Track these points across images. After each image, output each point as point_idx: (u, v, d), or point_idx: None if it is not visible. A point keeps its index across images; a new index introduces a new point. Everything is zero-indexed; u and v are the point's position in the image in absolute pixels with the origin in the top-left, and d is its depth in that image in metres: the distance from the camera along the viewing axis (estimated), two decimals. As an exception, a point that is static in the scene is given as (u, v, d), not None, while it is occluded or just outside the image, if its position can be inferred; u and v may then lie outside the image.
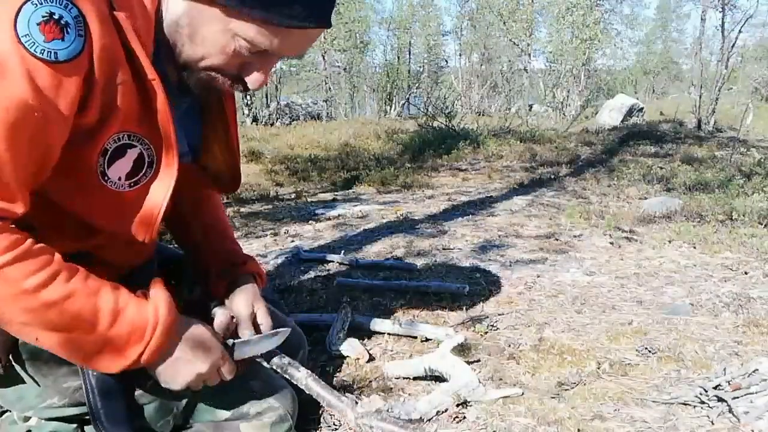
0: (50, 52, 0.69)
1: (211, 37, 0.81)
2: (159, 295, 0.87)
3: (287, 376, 0.99)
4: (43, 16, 0.69)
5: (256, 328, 1.08)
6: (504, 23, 14.86)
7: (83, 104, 0.75)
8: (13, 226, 0.75)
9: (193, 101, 0.99)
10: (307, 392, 0.96)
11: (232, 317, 1.07)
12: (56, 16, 0.69)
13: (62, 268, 0.78)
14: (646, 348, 1.67)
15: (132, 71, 0.78)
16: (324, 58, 17.25)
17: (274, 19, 0.78)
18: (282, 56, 0.87)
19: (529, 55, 14.99)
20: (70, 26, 0.70)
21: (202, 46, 0.82)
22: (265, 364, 1.03)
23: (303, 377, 0.97)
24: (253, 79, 0.87)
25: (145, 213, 0.89)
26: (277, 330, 1.07)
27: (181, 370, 0.89)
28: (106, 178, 0.83)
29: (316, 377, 0.97)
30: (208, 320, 1.02)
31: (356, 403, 1.10)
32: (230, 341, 0.99)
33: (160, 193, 0.88)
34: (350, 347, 1.61)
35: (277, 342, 1.05)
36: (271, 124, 11.49)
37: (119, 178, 0.84)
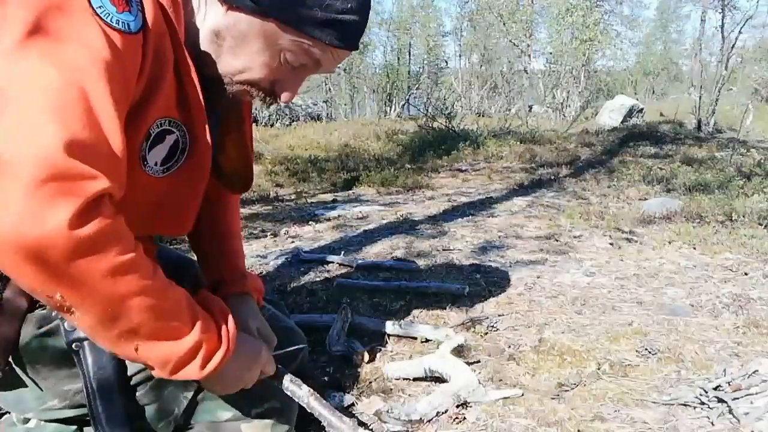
0: (124, 23, 0.71)
1: (257, 51, 0.82)
2: (225, 311, 0.88)
3: (289, 393, 0.99)
4: None
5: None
6: (504, 24, 14.86)
7: (137, 79, 0.75)
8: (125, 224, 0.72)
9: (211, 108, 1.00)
10: (309, 410, 0.97)
11: None
12: None
13: (163, 275, 0.77)
14: (646, 349, 1.67)
15: (174, 54, 0.79)
16: (324, 59, 17.22)
17: (326, 38, 0.81)
18: (317, 72, 0.89)
19: (529, 56, 15.00)
20: (132, 1, 0.72)
21: (244, 59, 0.83)
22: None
23: (305, 395, 0.97)
24: (285, 94, 0.88)
25: (182, 201, 0.89)
26: (297, 347, 1.07)
27: (240, 376, 0.90)
28: (145, 162, 0.83)
29: (318, 396, 0.97)
30: None
31: (358, 424, 1.10)
32: None
33: (194, 182, 0.89)
34: (350, 348, 1.61)
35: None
36: (271, 125, 11.48)
37: (155, 164, 0.84)
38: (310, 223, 3.34)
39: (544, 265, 2.51)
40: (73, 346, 0.88)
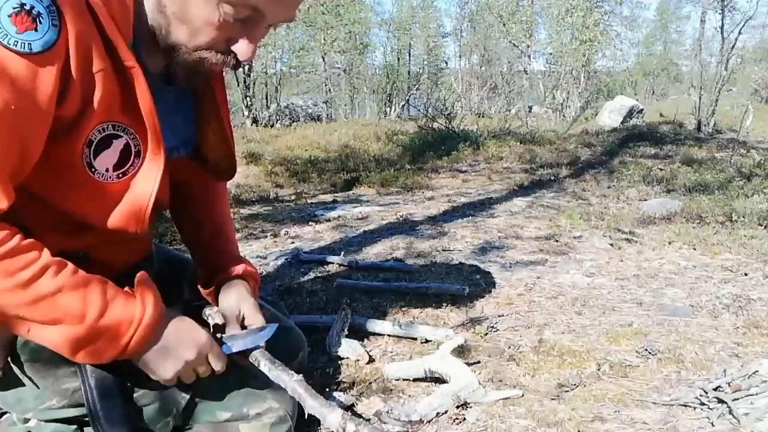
0: (24, 43, 0.69)
1: (197, 10, 0.80)
2: (145, 289, 0.87)
3: (272, 378, 0.97)
4: (14, 8, 0.68)
5: (245, 327, 1.07)
6: (504, 25, 14.88)
7: (62, 95, 0.75)
8: (2, 222, 0.75)
9: (181, 92, 0.99)
10: (291, 394, 0.95)
11: (223, 316, 1.06)
12: (27, 7, 0.69)
13: (51, 263, 0.78)
14: (646, 349, 1.67)
15: (111, 60, 0.78)
16: (324, 60, 17.26)
17: None
18: (269, 22, 0.86)
19: (529, 56, 15.02)
20: (42, 16, 0.70)
21: (190, 24, 0.81)
22: (254, 364, 1.01)
23: (288, 379, 0.95)
24: (241, 50, 0.85)
25: (134, 204, 0.88)
26: (264, 325, 1.05)
27: (169, 358, 0.88)
28: (93, 169, 0.83)
29: (303, 381, 0.95)
30: (204, 323, 1.01)
31: (345, 410, 1.08)
32: (218, 335, 0.99)
33: (148, 183, 0.88)
34: (350, 349, 1.61)
35: (265, 336, 1.03)
36: (271, 126, 11.50)
37: (106, 170, 0.84)
38: (310, 223, 3.34)
39: (544, 265, 2.50)
40: (71, 345, 0.88)
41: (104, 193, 0.85)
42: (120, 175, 0.86)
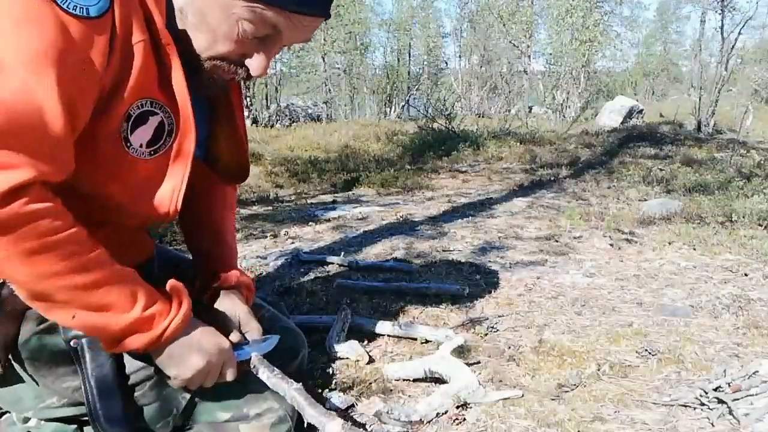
0: (82, 8, 0.71)
1: (216, 24, 0.82)
2: (177, 287, 0.90)
3: (271, 386, 0.98)
4: None
5: (241, 333, 1.07)
6: (504, 25, 14.87)
7: (107, 62, 0.76)
8: (62, 209, 0.76)
9: (198, 95, 0.99)
10: (290, 402, 0.95)
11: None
12: None
13: (105, 252, 0.81)
14: (646, 350, 1.67)
15: (149, 34, 0.79)
16: (324, 60, 17.26)
17: (278, 2, 0.80)
18: (285, 43, 0.88)
19: (529, 56, 15.02)
20: None
21: (208, 34, 0.83)
22: (253, 371, 1.02)
23: (287, 388, 0.95)
24: (255, 65, 0.87)
25: (167, 183, 0.89)
26: (266, 336, 1.06)
27: (193, 354, 0.89)
28: (128, 144, 0.83)
29: (302, 389, 0.95)
30: None
31: (345, 411, 1.08)
32: None
33: (181, 164, 0.89)
34: (350, 349, 1.61)
35: (267, 348, 1.03)
36: (271, 126, 11.49)
37: (140, 145, 0.85)
38: (309, 223, 3.34)
39: (544, 265, 2.50)
40: (71, 343, 0.88)
41: (135, 169, 0.86)
42: (152, 152, 0.86)
